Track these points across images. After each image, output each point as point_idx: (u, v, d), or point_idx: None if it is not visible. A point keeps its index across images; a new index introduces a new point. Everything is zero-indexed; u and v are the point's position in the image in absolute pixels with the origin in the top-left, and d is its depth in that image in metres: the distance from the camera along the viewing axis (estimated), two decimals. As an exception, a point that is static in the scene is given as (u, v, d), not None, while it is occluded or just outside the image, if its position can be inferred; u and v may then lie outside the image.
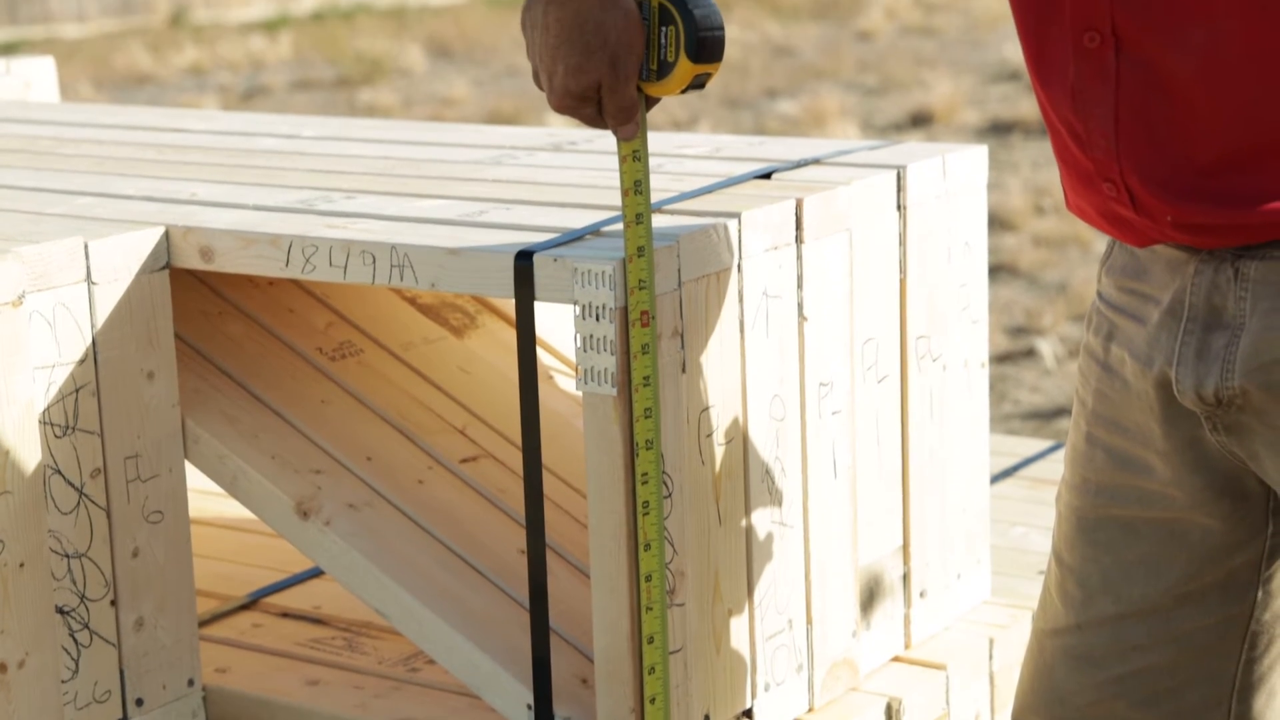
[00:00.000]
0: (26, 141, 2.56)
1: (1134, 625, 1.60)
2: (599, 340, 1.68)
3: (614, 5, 1.56)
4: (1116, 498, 1.59)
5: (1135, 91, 1.41)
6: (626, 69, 1.58)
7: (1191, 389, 1.48)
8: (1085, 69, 1.43)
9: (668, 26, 1.58)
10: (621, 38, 1.57)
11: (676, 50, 1.58)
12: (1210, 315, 1.46)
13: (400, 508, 1.99)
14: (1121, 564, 1.60)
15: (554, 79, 1.58)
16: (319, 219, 1.92)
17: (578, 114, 1.61)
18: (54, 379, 1.81)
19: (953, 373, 2.10)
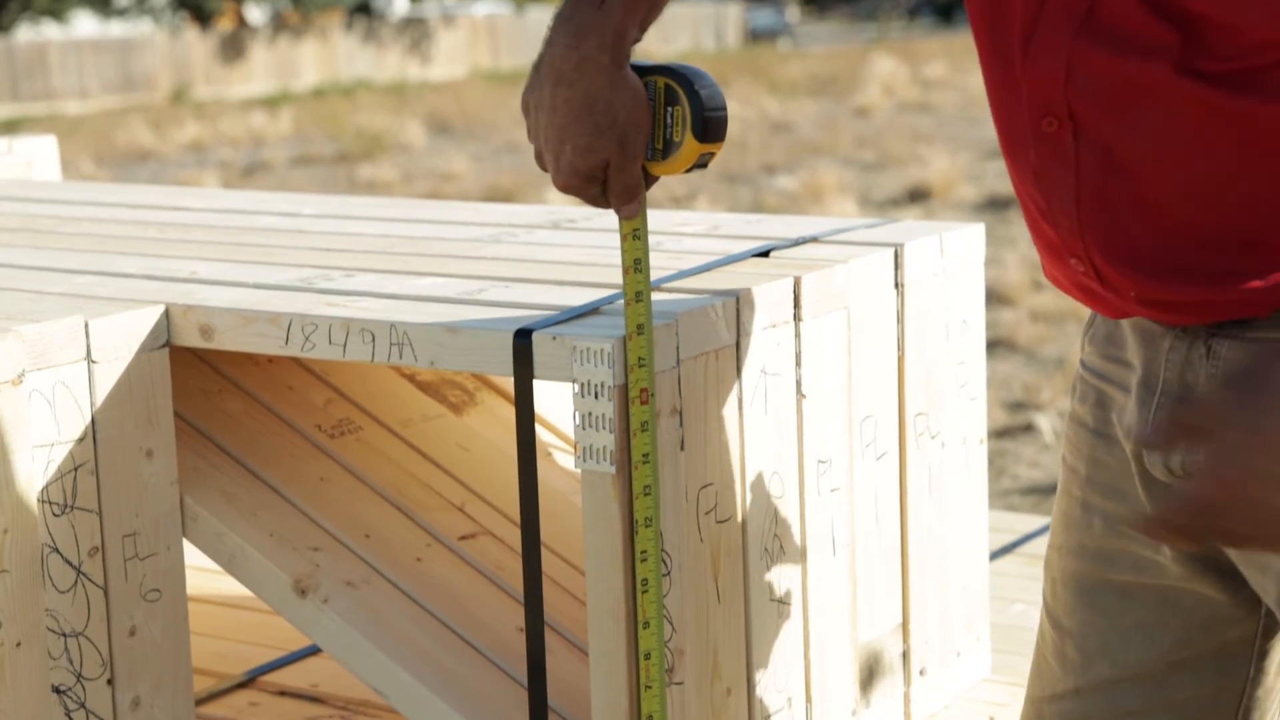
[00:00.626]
0: (28, 220, 2.58)
1: (1129, 690, 1.61)
2: (598, 418, 1.68)
3: (623, 85, 1.57)
4: (1113, 563, 1.60)
5: (1094, 173, 1.44)
6: (634, 148, 1.58)
7: (1160, 461, 1.50)
8: (1045, 151, 1.45)
9: (674, 107, 1.59)
10: (630, 117, 1.57)
11: (683, 130, 1.58)
12: (1182, 388, 1.48)
13: (398, 585, 1.98)
14: (1118, 628, 1.61)
15: (561, 159, 1.58)
16: (319, 297, 1.93)
17: (582, 194, 1.61)
18: (53, 457, 1.81)
19: (951, 449, 2.10)
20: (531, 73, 1.59)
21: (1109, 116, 1.42)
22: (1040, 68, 1.43)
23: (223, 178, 14.77)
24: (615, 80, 1.56)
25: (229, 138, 17.84)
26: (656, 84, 1.59)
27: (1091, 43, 1.40)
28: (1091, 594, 1.62)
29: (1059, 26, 1.41)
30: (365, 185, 13.87)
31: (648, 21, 1.60)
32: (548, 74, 1.57)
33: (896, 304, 2.01)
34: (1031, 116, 1.46)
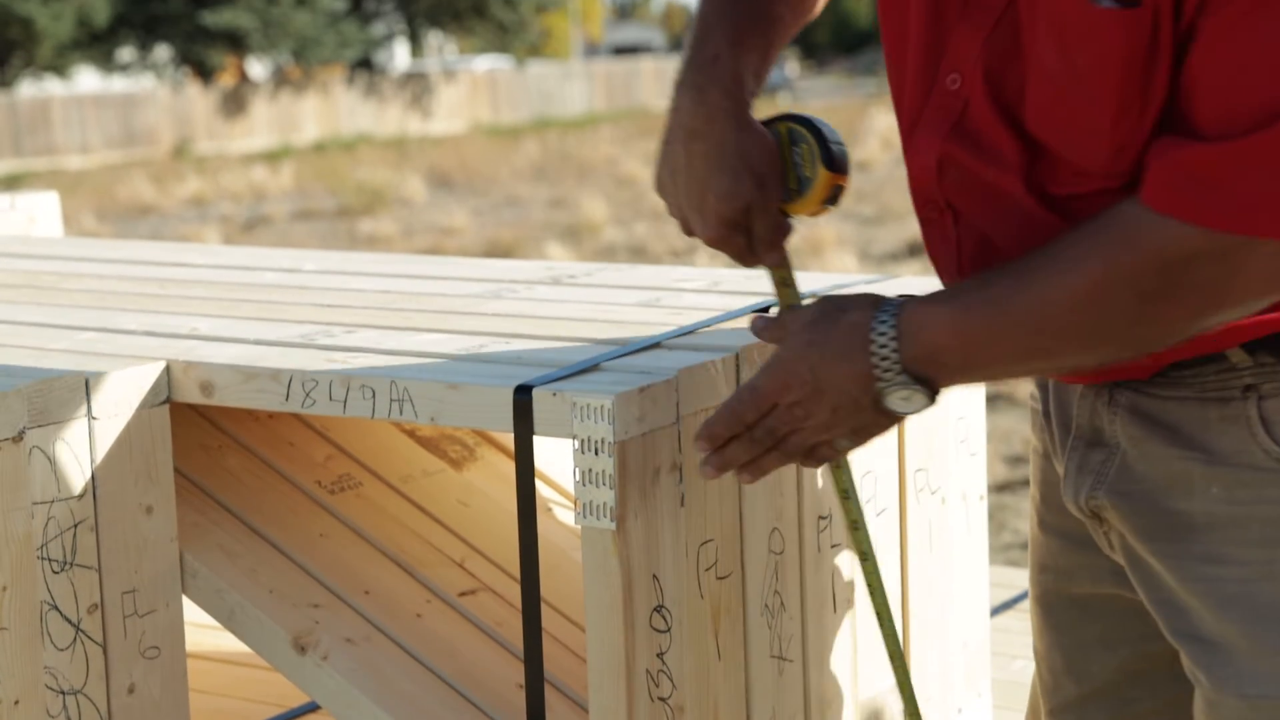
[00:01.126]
0: (30, 277, 2.58)
1: (1095, 707, 1.70)
2: (598, 474, 1.68)
3: (749, 128, 1.62)
4: (1072, 578, 1.72)
5: (974, 255, 1.56)
6: (772, 188, 1.63)
7: (1071, 499, 1.61)
8: (932, 234, 1.59)
9: (800, 145, 1.64)
10: (763, 157, 1.62)
11: (813, 165, 1.64)
12: (1093, 434, 1.60)
13: (398, 642, 1.98)
14: (1080, 643, 1.69)
15: (705, 211, 1.63)
16: (320, 353, 1.93)
17: (729, 245, 1.65)
18: (53, 514, 1.81)
19: (951, 505, 2.10)
20: (660, 149, 1.66)
21: (978, 211, 1.54)
22: (918, 161, 1.56)
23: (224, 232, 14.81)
24: (743, 124, 1.62)
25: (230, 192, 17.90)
26: (779, 129, 1.65)
27: (960, 146, 1.52)
28: (1055, 612, 1.72)
29: (934, 126, 1.53)
30: (366, 239, 13.91)
31: (762, 71, 1.67)
32: (680, 134, 1.63)
33: (896, 359, 2.01)
34: (918, 201, 1.58)
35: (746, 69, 1.64)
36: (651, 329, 1.95)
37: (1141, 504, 1.55)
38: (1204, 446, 1.51)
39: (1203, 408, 1.51)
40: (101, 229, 14.81)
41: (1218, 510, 1.50)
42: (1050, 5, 1.40)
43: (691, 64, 1.64)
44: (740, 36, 1.64)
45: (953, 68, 1.50)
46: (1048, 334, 1.43)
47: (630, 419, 1.68)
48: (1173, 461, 1.52)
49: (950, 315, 1.46)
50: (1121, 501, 1.56)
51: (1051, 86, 1.43)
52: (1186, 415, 1.52)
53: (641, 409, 1.68)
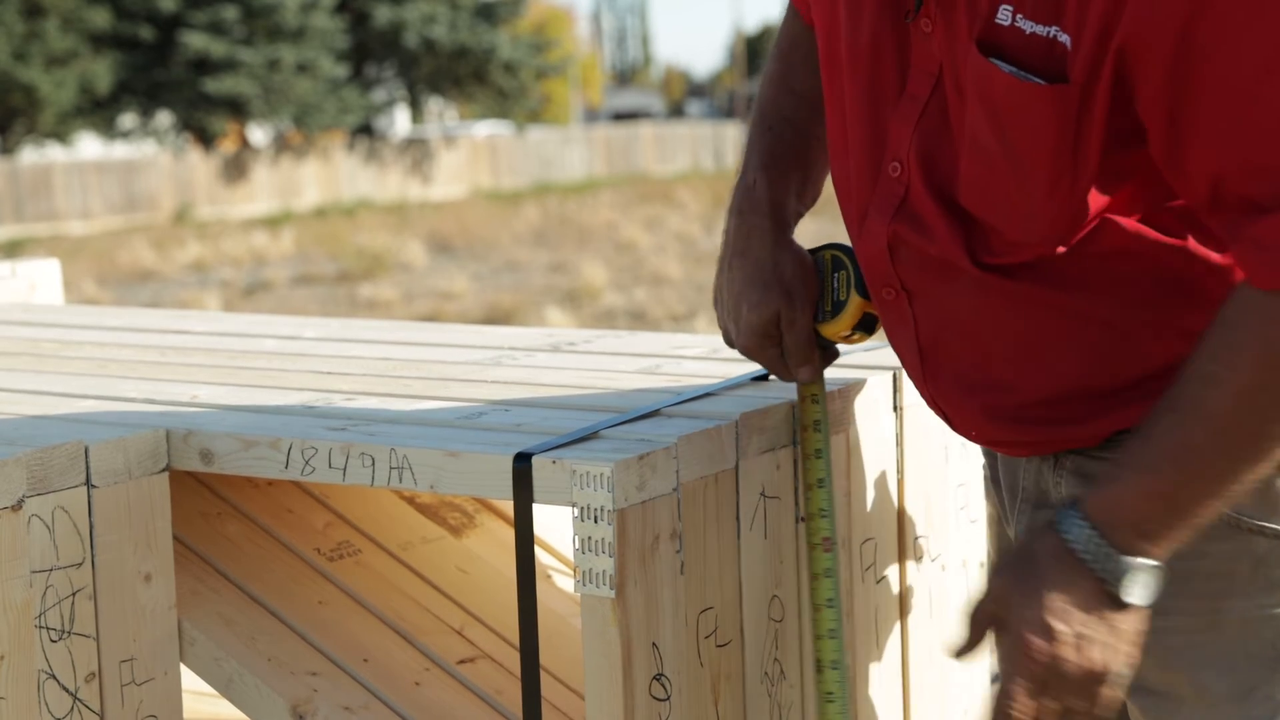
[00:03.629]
0: (30, 344, 2.59)
1: None
2: (597, 542, 1.68)
3: (786, 247, 1.76)
4: None
5: (931, 332, 1.64)
6: (801, 301, 1.75)
7: None
8: (889, 315, 1.68)
9: (839, 272, 1.76)
10: (795, 273, 1.75)
11: (848, 290, 1.75)
12: (1039, 496, 1.67)
13: (397, 710, 1.97)
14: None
15: (739, 320, 1.76)
16: (319, 421, 1.93)
17: (761, 354, 1.78)
18: (51, 583, 1.80)
19: (951, 572, 2.10)
20: (719, 266, 1.80)
21: (931, 285, 1.62)
22: (871, 246, 1.64)
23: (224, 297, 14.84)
24: (779, 243, 1.76)
25: (231, 257, 17.94)
26: (824, 257, 1.78)
27: (905, 226, 1.60)
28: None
29: (881, 212, 1.62)
30: (366, 304, 13.94)
31: (805, 193, 1.80)
32: (728, 253, 1.78)
33: (895, 427, 2.01)
34: (874, 285, 1.68)
35: (785, 191, 1.77)
36: (651, 396, 1.96)
37: None
38: None
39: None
40: (102, 294, 14.84)
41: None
42: (979, 84, 1.46)
43: (736, 190, 1.78)
44: (774, 161, 1.77)
45: (893, 157, 1.59)
46: (1244, 443, 1.42)
47: (630, 487, 1.68)
48: None
49: (1136, 480, 1.46)
50: None
51: (984, 162, 1.49)
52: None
53: (641, 477, 1.68)
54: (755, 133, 1.81)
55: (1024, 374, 1.60)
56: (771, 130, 1.80)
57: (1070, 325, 1.57)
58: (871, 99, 1.59)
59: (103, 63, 29.76)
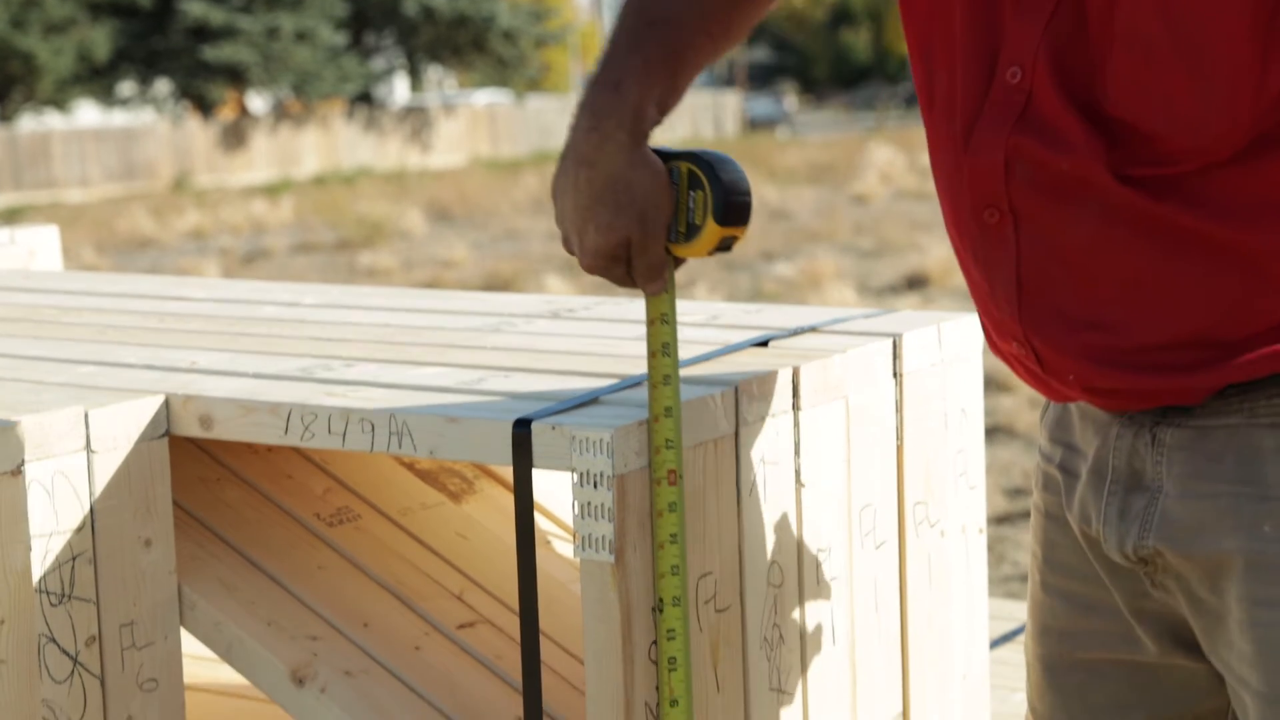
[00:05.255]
0: (29, 310, 2.59)
1: None
2: (597, 507, 1.68)
3: (642, 164, 1.60)
4: (1080, 643, 1.62)
5: (1035, 262, 1.48)
6: (654, 226, 1.61)
7: (1116, 547, 1.53)
8: (988, 239, 1.50)
9: (696, 191, 1.61)
10: (649, 196, 1.60)
11: (704, 214, 1.61)
12: (1131, 478, 1.51)
13: (397, 674, 1.97)
14: (1090, 708, 1.62)
15: (585, 238, 1.61)
16: (318, 387, 1.93)
17: (608, 274, 1.64)
18: (51, 547, 1.81)
19: (951, 538, 2.10)
20: (559, 161, 1.63)
21: (1047, 208, 1.45)
22: (981, 161, 1.47)
23: (223, 265, 14.83)
24: (634, 159, 1.59)
25: (230, 225, 17.92)
26: (680, 168, 1.62)
27: (1028, 138, 1.44)
28: (1060, 675, 1.64)
29: (998, 122, 1.46)
30: (365, 272, 13.93)
31: (666, 103, 1.63)
32: (572, 157, 1.61)
33: (895, 394, 2.01)
34: (974, 206, 1.49)
35: (649, 99, 1.60)
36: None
37: (1192, 547, 1.47)
38: (1255, 480, 1.43)
39: (1253, 435, 1.43)
40: (101, 262, 14.83)
41: (1269, 550, 1.42)
42: None
43: (594, 85, 1.61)
44: (648, 65, 1.60)
45: (1011, 61, 1.44)
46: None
47: (629, 452, 1.68)
48: (1220, 499, 1.45)
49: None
50: (1172, 545, 1.48)
51: (1144, 57, 1.34)
52: (1235, 444, 1.44)
53: (640, 442, 1.69)
54: (631, 25, 1.63)
55: (1141, 314, 1.45)
56: (652, 28, 1.62)
57: (1209, 261, 1.41)
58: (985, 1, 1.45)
59: (101, 30, 29.69)
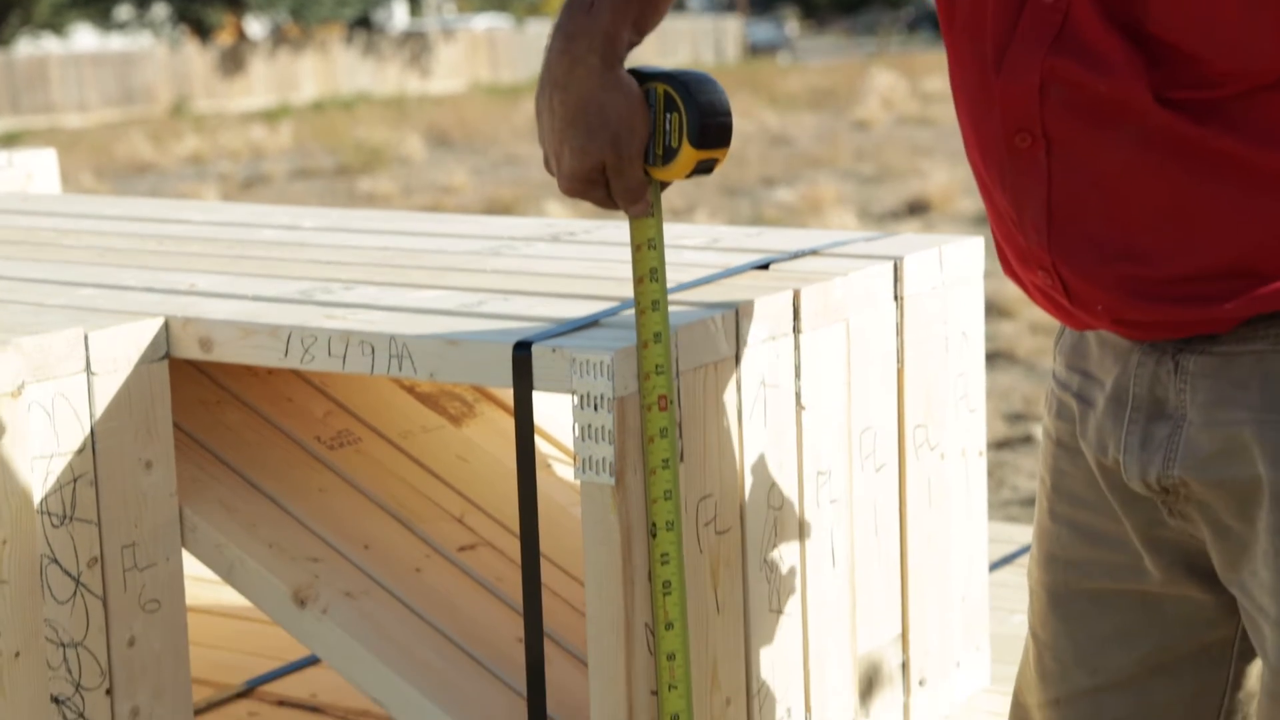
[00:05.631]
0: (28, 233, 2.58)
1: (1110, 698, 1.62)
2: (597, 429, 1.68)
3: (616, 87, 1.59)
4: (1086, 572, 1.61)
5: (1067, 188, 1.45)
6: (629, 149, 1.60)
7: (1137, 476, 1.51)
8: (1018, 165, 1.46)
9: (672, 113, 1.60)
10: (623, 119, 1.59)
11: (680, 136, 1.60)
12: (1153, 406, 1.49)
13: (398, 596, 1.98)
14: (1095, 637, 1.62)
15: (561, 161, 1.60)
16: (318, 309, 1.93)
17: (587, 196, 1.63)
18: (52, 469, 1.81)
19: (950, 461, 2.11)
20: (539, 82, 1.62)
21: (1082, 132, 1.42)
22: (1014, 84, 1.43)
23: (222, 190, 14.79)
24: (606, 82, 1.58)
25: (228, 150, 17.85)
26: (656, 90, 1.61)
27: (1065, 59, 1.40)
28: (1064, 604, 1.64)
29: (1033, 43, 1.42)
30: (365, 198, 13.89)
31: (643, 24, 1.61)
32: (546, 79, 1.60)
33: (896, 317, 2.01)
34: (1004, 131, 1.46)
35: (623, 21, 1.59)
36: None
37: (1218, 475, 1.45)
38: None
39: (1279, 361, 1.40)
40: (100, 187, 14.78)
41: None
42: None
43: (568, 7, 1.60)
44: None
45: None
46: None
47: (629, 375, 1.68)
48: (1245, 426, 1.43)
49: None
50: (1197, 474, 1.46)
51: None
52: (1261, 371, 1.42)
53: (638, 366, 1.68)
54: None
55: (1176, 242, 1.41)
56: None
57: (1247, 186, 1.38)
58: None
59: (98, -47, 29.47)
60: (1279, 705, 1.46)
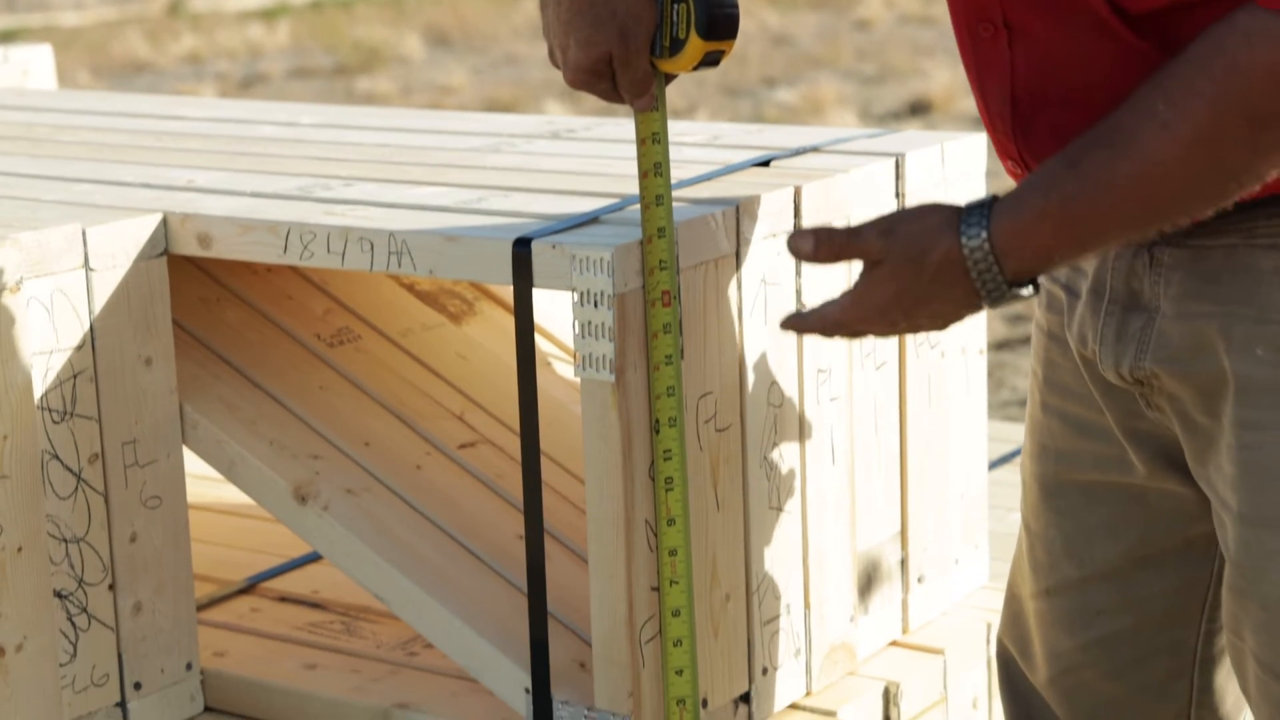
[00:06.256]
0: (24, 129, 2.56)
1: (1097, 589, 1.65)
2: (597, 326, 1.68)
3: None
4: (1075, 464, 1.64)
5: (1030, 77, 1.46)
6: (636, 41, 1.59)
7: (1112, 368, 1.53)
8: (983, 56, 1.49)
9: (679, 4, 1.59)
10: (630, 10, 1.57)
11: (687, 27, 1.59)
12: (1129, 298, 1.50)
13: (398, 493, 1.99)
14: (1083, 528, 1.64)
15: (567, 54, 1.59)
16: (317, 206, 1.92)
17: (593, 89, 1.62)
18: (52, 365, 1.81)
19: (951, 359, 2.11)
20: None
21: (1041, 22, 1.43)
22: None
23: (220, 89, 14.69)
24: None
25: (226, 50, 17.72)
26: None
27: None
28: (1055, 495, 1.66)
29: None
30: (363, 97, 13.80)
31: None
32: None
33: (897, 213, 2.00)
34: (969, 20, 1.48)
35: None
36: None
37: (1186, 368, 1.47)
38: (1251, 301, 1.43)
39: (1251, 255, 1.42)
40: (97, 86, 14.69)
41: (1257, 374, 1.42)
42: None
43: None
44: None
45: None
46: (1161, 197, 1.35)
47: (630, 271, 1.68)
48: (1215, 319, 1.45)
49: (1048, 214, 1.38)
50: (1167, 367, 1.48)
51: None
52: (1232, 265, 1.44)
53: (641, 261, 1.68)
54: None
55: None
56: None
57: None
58: None
59: None
60: (1238, 599, 1.48)
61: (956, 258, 1.42)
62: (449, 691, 1.96)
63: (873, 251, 1.46)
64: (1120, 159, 1.34)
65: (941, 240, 1.43)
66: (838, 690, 1.97)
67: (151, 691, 1.93)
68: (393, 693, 1.96)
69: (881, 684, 1.99)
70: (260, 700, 1.99)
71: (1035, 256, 1.41)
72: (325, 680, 2.00)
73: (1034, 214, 1.40)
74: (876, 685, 1.99)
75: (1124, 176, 1.35)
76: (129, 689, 1.91)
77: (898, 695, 1.99)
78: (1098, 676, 1.67)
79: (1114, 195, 1.36)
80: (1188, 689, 1.66)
